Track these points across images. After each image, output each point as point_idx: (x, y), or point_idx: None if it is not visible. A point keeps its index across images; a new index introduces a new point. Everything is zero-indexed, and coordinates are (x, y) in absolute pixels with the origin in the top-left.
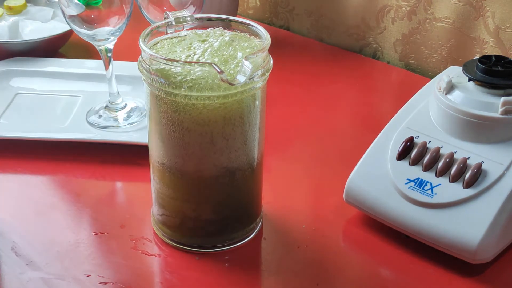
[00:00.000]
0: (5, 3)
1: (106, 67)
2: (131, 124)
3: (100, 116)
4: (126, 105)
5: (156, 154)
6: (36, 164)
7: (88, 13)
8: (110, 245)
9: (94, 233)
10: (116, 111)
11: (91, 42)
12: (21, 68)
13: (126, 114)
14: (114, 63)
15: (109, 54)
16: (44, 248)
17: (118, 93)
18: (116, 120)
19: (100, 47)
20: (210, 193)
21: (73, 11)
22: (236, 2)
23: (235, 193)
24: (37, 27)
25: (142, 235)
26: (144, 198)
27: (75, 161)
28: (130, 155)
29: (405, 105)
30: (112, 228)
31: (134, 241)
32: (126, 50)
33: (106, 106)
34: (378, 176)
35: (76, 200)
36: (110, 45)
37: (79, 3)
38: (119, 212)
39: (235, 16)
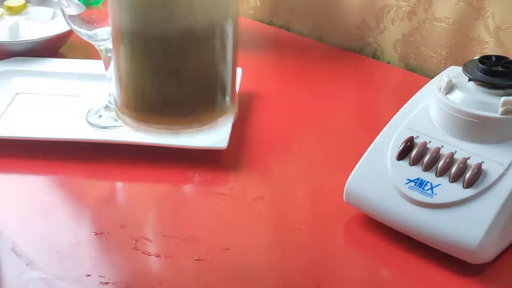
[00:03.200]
0: (5, 3)
1: (106, 67)
2: None
3: (100, 116)
4: None
5: (113, 20)
6: (36, 164)
7: (89, 13)
8: (110, 245)
9: (94, 233)
10: None
11: (91, 42)
12: (21, 68)
13: None
14: None
15: (109, 54)
16: (44, 248)
17: None
18: (116, 120)
19: (100, 47)
20: (169, 61)
21: (73, 11)
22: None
23: (201, 63)
24: (37, 27)
25: (142, 235)
26: (144, 198)
27: (75, 161)
28: (130, 155)
29: (405, 105)
30: (112, 228)
31: (134, 241)
32: None
33: (106, 106)
34: (378, 176)
35: (76, 200)
36: (110, 45)
37: (79, 3)
38: (119, 212)
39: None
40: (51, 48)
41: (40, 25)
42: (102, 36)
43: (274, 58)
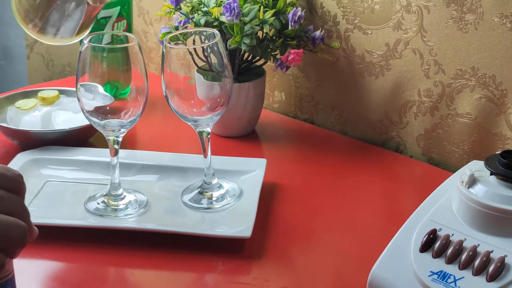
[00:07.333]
0: (39, 94)
1: (112, 155)
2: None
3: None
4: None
5: None
6: (59, 250)
7: (117, 104)
8: None
9: None
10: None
11: (100, 130)
12: (51, 157)
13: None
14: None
15: (116, 146)
16: None
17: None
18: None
19: (109, 137)
20: None
21: (99, 102)
22: (262, 96)
23: None
24: (69, 117)
25: None
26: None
27: (100, 248)
28: (154, 244)
29: (428, 197)
30: None
31: None
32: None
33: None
34: (401, 268)
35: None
36: (120, 137)
37: (108, 94)
38: None
39: (261, 110)
40: (81, 137)
41: (71, 115)
42: (112, 127)
43: (298, 151)
